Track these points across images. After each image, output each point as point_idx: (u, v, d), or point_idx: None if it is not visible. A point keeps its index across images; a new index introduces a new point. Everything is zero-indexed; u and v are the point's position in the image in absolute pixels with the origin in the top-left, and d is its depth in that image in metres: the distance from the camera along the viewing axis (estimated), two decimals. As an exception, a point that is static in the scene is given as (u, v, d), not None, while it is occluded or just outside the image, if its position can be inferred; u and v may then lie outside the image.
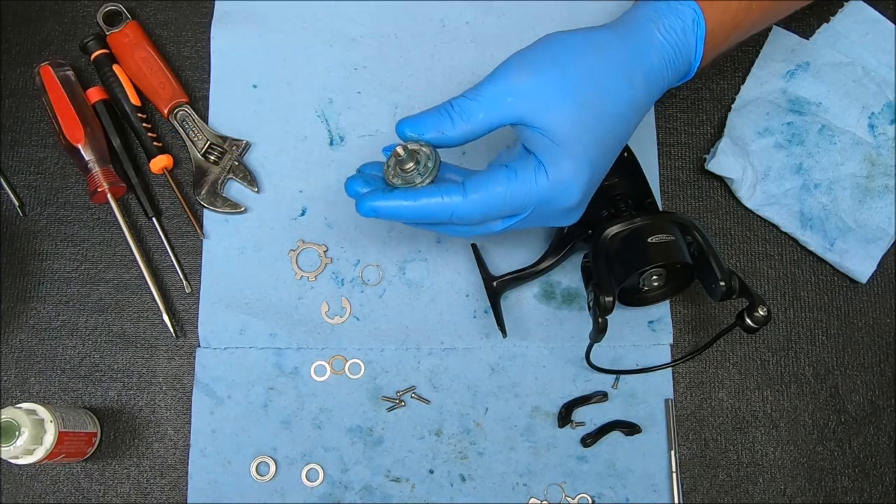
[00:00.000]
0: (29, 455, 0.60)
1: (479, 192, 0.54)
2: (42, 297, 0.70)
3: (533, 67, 0.54)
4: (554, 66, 0.54)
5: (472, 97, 0.54)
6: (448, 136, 0.54)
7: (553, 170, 0.54)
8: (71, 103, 0.69)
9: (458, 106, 0.54)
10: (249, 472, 0.67)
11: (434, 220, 0.55)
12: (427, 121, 0.55)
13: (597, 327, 0.60)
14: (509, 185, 0.54)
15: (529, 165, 0.54)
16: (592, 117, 0.53)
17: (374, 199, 0.55)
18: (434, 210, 0.54)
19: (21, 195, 0.72)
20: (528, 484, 0.67)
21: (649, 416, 0.68)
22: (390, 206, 0.55)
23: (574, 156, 0.53)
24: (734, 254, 0.72)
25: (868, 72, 0.74)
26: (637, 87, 0.55)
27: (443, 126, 0.54)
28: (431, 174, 0.55)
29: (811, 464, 0.68)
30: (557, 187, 0.54)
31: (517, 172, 0.54)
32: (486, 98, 0.54)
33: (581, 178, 0.54)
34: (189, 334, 0.69)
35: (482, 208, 0.54)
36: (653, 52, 0.56)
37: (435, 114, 0.55)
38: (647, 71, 0.55)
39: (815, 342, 0.71)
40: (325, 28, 0.74)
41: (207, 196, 0.70)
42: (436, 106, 0.55)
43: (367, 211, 0.55)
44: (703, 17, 0.57)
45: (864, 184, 0.71)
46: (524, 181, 0.54)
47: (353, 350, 0.69)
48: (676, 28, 0.56)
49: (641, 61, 0.55)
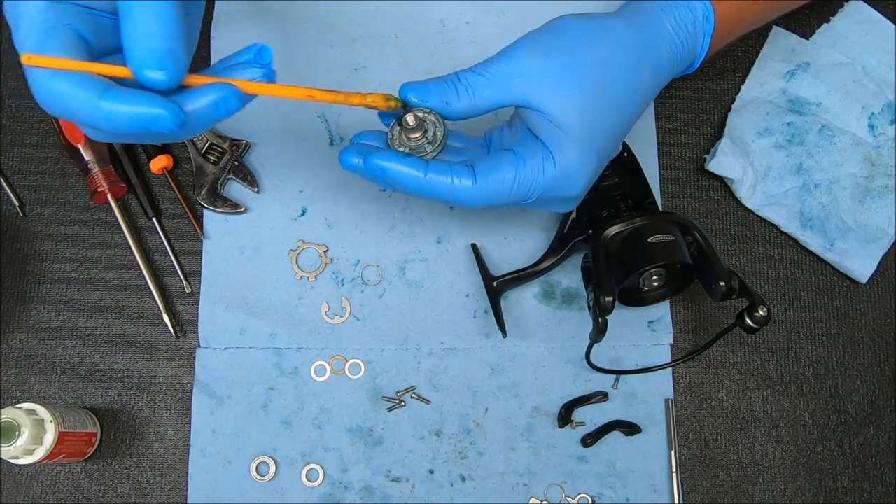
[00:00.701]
0: (29, 455, 0.60)
1: (489, 178, 0.53)
2: (42, 297, 0.70)
3: (543, 51, 0.53)
4: (564, 51, 0.53)
5: (480, 72, 0.54)
6: (452, 108, 0.54)
7: (560, 158, 0.53)
8: (71, 103, 0.69)
9: (466, 79, 0.54)
10: (249, 472, 0.67)
11: (437, 197, 0.54)
12: (433, 89, 0.54)
13: (597, 327, 0.60)
14: (517, 172, 0.53)
15: (538, 153, 0.54)
16: (599, 106, 0.53)
17: (384, 158, 0.53)
18: (441, 188, 0.53)
19: (21, 195, 0.72)
20: (528, 484, 0.67)
21: (649, 416, 0.68)
22: (399, 171, 0.53)
23: (581, 145, 0.53)
24: (734, 254, 0.72)
25: (868, 72, 0.74)
26: (644, 79, 0.55)
27: (448, 97, 0.53)
28: (441, 144, 0.53)
29: (811, 464, 0.68)
30: (563, 176, 0.54)
31: (525, 160, 0.53)
32: (494, 75, 0.53)
33: (587, 167, 0.54)
34: (189, 334, 0.69)
35: (489, 195, 0.54)
36: (662, 44, 0.56)
37: (442, 83, 0.54)
38: (655, 63, 0.55)
39: (815, 342, 0.71)
40: (325, 28, 0.74)
41: (207, 196, 0.70)
42: (443, 76, 0.54)
43: (373, 167, 0.53)
44: (713, 13, 0.57)
45: (864, 184, 0.71)
46: (532, 169, 0.53)
47: (353, 350, 0.69)
48: (687, 22, 0.56)
49: (651, 54, 0.55)
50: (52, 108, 0.45)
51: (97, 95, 0.43)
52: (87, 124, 0.45)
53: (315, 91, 0.49)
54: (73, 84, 0.43)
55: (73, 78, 0.44)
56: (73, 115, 0.44)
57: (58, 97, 0.44)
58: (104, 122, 0.44)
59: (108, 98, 0.43)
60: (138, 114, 0.43)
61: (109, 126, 0.44)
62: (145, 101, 0.43)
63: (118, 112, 0.43)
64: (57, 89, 0.44)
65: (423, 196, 0.54)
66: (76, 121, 0.45)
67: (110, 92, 0.44)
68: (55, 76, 0.44)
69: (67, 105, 0.44)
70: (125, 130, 0.44)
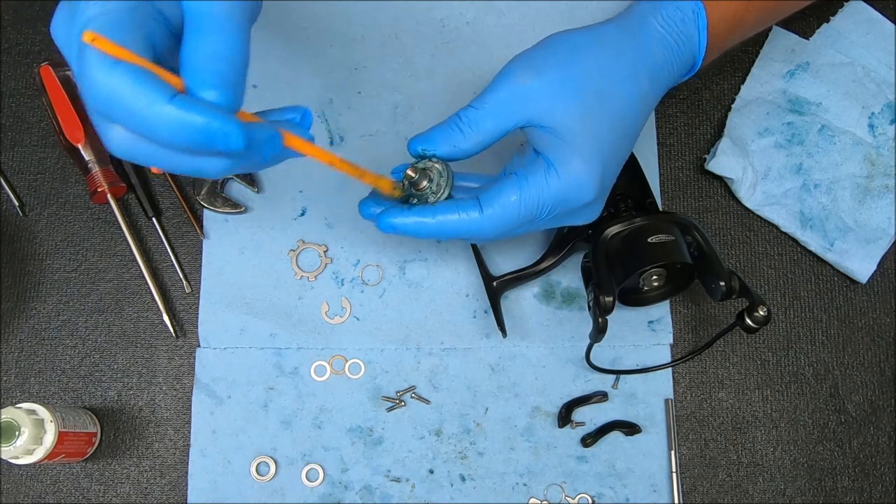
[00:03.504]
0: (29, 455, 0.60)
1: (494, 205, 0.54)
2: (42, 297, 0.70)
3: (535, 68, 0.54)
4: (556, 64, 0.54)
5: (478, 106, 0.54)
6: (461, 149, 0.55)
7: (563, 169, 0.54)
8: (71, 103, 0.69)
9: (466, 117, 0.55)
10: (249, 472, 0.67)
11: (454, 235, 0.55)
12: (438, 136, 0.55)
13: (597, 327, 0.60)
14: (521, 192, 0.54)
15: (539, 169, 0.54)
16: (599, 111, 0.53)
17: (392, 216, 0.55)
18: (452, 226, 0.54)
19: (21, 195, 0.72)
20: (528, 484, 0.67)
21: (649, 416, 0.68)
22: (408, 223, 0.55)
23: (583, 151, 0.53)
24: (734, 254, 0.72)
25: (868, 72, 0.74)
26: (642, 80, 0.55)
27: (454, 139, 0.55)
28: (445, 190, 0.55)
29: (811, 464, 0.68)
30: (569, 185, 0.54)
31: (527, 178, 0.54)
32: (492, 105, 0.54)
33: (593, 173, 0.54)
34: (189, 334, 0.69)
35: (498, 221, 0.54)
36: (654, 43, 0.56)
37: (445, 128, 0.55)
38: (651, 63, 0.55)
39: (815, 342, 0.71)
40: (325, 28, 0.74)
41: (207, 196, 0.70)
42: (444, 121, 0.55)
43: (386, 227, 0.55)
44: (703, 8, 0.57)
45: (864, 184, 0.71)
46: (535, 186, 0.54)
47: (353, 350, 0.69)
48: (675, 19, 0.56)
49: (643, 53, 0.55)
50: (101, 103, 0.40)
51: (165, 99, 0.40)
52: (139, 129, 0.41)
53: (337, 160, 0.50)
54: (137, 81, 0.39)
55: (137, 75, 0.40)
56: (128, 115, 0.40)
57: (115, 93, 0.40)
58: (164, 129, 0.40)
59: (178, 104, 0.40)
60: (209, 126, 0.40)
61: (168, 134, 0.40)
62: (217, 115, 0.40)
63: (185, 120, 0.40)
64: (116, 84, 0.39)
65: (441, 239, 0.56)
66: (126, 123, 0.41)
67: (179, 98, 0.40)
68: (115, 68, 0.39)
69: (125, 103, 0.40)
70: (184, 142, 0.40)
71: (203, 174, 0.44)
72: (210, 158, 0.43)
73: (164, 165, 0.43)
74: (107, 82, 0.40)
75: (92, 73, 0.40)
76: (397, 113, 0.73)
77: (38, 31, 0.75)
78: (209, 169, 0.44)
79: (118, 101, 0.40)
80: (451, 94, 0.73)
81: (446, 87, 0.74)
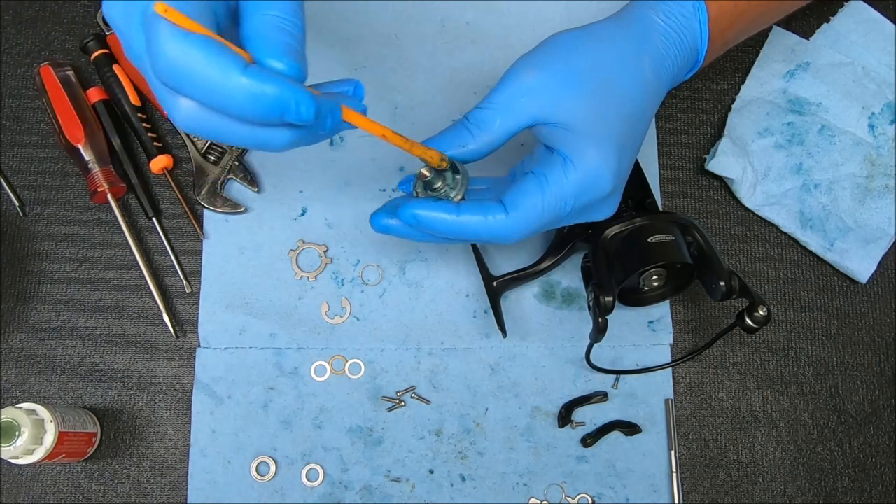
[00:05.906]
0: (29, 455, 0.60)
1: (519, 206, 0.53)
2: (42, 297, 0.70)
3: (538, 65, 0.54)
4: (558, 60, 0.54)
5: (485, 106, 0.55)
6: (471, 150, 0.55)
7: (579, 160, 0.53)
8: (71, 103, 0.69)
9: (474, 118, 0.55)
10: (249, 472, 0.67)
11: (473, 237, 0.54)
12: (448, 138, 0.55)
13: (597, 327, 0.60)
14: (543, 190, 0.53)
15: (556, 164, 0.54)
16: (606, 101, 0.54)
17: (417, 207, 0.54)
18: (475, 227, 0.53)
19: (21, 195, 0.72)
20: (528, 484, 0.67)
21: (649, 416, 0.68)
22: (432, 216, 0.53)
23: (597, 141, 0.53)
24: (734, 254, 0.72)
25: (868, 72, 0.74)
26: (645, 70, 0.55)
27: (464, 140, 0.54)
28: (464, 185, 0.54)
29: (811, 464, 0.68)
30: (588, 176, 0.53)
31: (546, 175, 0.53)
32: (498, 104, 0.54)
33: (609, 162, 0.54)
34: (189, 334, 0.69)
35: (524, 223, 0.53)
36: (655, 35, 0.56)
37: (454, 130, 0.55)
38: (654, 54, 0.56)
39: (815, 342, 0.71)
40: (325, 28, 0.74)
41: (207, 196, 0.70)
42: (452, 124, 0.55)
43: (408, 217, 0.54)
44: (703, 1, 0.57)
45: (864, 184, 0.71)
46: (556, 182, 0.53)
47: (353, 350, 0.69)
48: (675, 12, 0.57)
49: (645, 45, 0.56)
50: (172, 75, 0.41)
51: (238, 70, 0.40)
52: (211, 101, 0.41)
53: (390, 132, 0.49)
54: (211, 52, 0.40)
55: (210, 46, 0.40)
56: (201, 86, 0.41)
57: (188, 64, 0.40)
58: (238, 100, 0.41)
59: (251, 74, 0.40)
60: (282, 95, 0.41)
61: (241, 105, 0.41)
62: (290, 85, 0.41)
63: (259, 91, 0.40)
64: (189, 55, 0.40)
65: (459, 239, 0.55)
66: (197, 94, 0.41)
67: (252, 69, 0.41)
68: (188, 40, 0.40)
69: (198, 75, 0.40)
70: (257, 113, 0.41)
71: (267, 147, 0.45)
72: (276, 130, 0.44)
73: (230, 138, 0.44)
74: (180, 54, 0.40)
75: (163, 45, 0.40)
76: (397, 113, 0.73)
77: (38, 31, 0.75)
78: (274, 141, 0.44)
79: (191, 73, 0.40)
80: (451, 94, 0.73)
81: (446, 87, 0.74)
